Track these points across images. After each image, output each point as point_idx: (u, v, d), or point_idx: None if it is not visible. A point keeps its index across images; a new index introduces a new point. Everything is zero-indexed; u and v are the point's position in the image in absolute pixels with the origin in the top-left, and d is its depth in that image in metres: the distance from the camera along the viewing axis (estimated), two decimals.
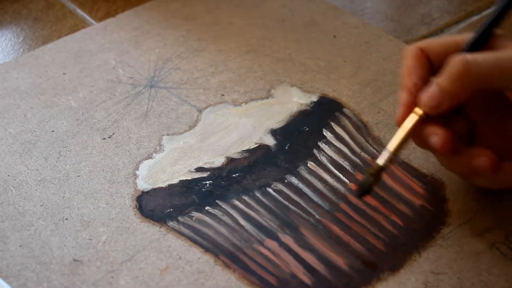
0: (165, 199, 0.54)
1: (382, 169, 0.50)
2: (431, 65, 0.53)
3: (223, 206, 0.54)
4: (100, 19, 0.72)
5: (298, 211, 0.53)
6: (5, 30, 0.71)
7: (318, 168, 0.56)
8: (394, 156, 0.50)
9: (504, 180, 0.52)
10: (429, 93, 0.51)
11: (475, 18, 0.74)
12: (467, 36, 0.53)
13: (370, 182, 0.50)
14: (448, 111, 0.51)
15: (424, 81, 0.52)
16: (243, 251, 0.51)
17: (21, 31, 0.71)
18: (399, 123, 0.52)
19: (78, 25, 0.72)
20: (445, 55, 0.53)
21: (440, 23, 0.72)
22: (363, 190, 0.51)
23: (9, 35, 0.71)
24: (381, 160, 0.50)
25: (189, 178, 0.56)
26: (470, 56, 0.50)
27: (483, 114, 0.53)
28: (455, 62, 0.50)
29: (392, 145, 0.50)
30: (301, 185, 0.55)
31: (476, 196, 0.54)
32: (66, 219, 0.53)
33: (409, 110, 0.52)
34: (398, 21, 0.61)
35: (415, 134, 0.52)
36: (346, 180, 0.56)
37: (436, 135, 0.51)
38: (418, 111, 0.51)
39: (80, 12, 0.73)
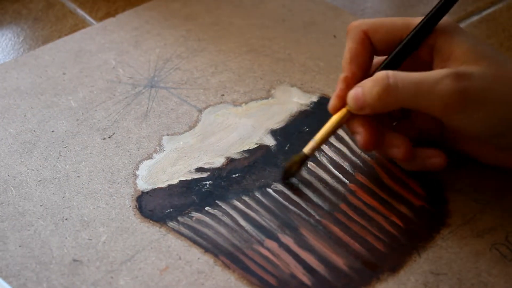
0: (165, 200, 0.54)
1: (306, 156, 0.54)
2: (373, 49, 0.54)
3: (223, 206, 0.54)
4: (100, 19, 0.72)
5: (298, 211, 0.53)
6: (5, 30, 0.71)
7: (318, 168, 0.56)
8: (319, 146, 0.53)
9: (417, 164, 0.54)
10: (354, 95, 0.52)
11: (475, 18, 0.73)
12: (411, 21, 0.53)
13: (294, 168, 0.54)
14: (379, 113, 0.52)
15: (364, 68, 0.54)
16: (242, 252, 0.51)
17: (21, 31, 0.71)
18: (333, 113, 0.53)
19: (78, 25, 0.72)
20: (390, 40, 0.53)
21: None
22: (286, 175, 0.55)
23: (9, 35, 0.71)
24: (306, 149, 0.54)
25: (189, 178, 0.56)
26: (392, 79, 0.50)
27: None
28: (378, 80, 0.50)
29: (318, 135, 0.53)
30: (301, 186, 0.55)
31: (476, 197, 0.54)
32: (66, 219, 0.53)
33: (342, 102, 0.53)
34: None
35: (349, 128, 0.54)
36: (346, 181, 0.56)
37: (358, 134, 0.53)
38: None
39: (80, 12, 0.73)
